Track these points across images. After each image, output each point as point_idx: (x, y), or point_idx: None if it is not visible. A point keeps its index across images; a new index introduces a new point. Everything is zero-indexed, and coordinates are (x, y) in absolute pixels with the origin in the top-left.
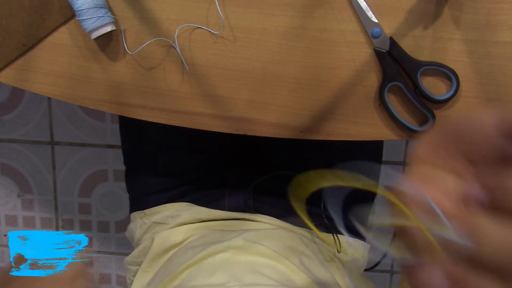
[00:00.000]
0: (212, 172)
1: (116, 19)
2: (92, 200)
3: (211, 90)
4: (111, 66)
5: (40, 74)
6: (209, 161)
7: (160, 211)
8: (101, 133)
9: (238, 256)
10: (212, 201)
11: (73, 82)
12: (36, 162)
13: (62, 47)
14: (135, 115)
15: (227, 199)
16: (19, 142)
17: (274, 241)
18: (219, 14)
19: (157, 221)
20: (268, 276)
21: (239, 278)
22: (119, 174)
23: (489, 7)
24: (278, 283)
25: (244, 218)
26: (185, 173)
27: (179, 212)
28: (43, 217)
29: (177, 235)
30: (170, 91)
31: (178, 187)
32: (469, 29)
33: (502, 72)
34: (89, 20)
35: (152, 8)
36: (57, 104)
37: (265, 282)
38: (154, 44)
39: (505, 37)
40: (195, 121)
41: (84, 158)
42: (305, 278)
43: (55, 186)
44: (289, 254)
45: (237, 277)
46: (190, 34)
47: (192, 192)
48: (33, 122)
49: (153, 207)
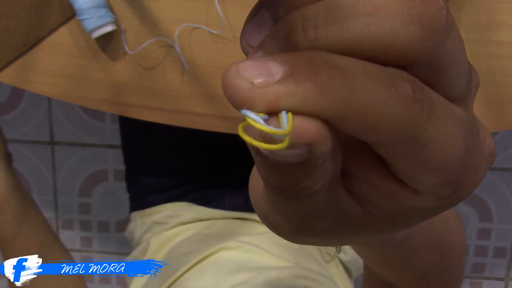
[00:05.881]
0: (212, 172)
1: (116, 18)
2: (92, 200)
3: (211, 90)
4: (111, 66)
5: (40, 74)
6: (209, 161)
7: (160, 211)
8: (101, 133)
9: (229, 254)
10: (212, 200)
11: (73, 82)
12: (36, 162)
13: (62, 47)
14: (135, 115)
15: (227, 199)
16: (19, 142)
17: (270, 241)
18: (219, 14)
19: (157, 221)
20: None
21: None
22: (119, 174)
23: (489, 7)
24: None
25: (244, 218)
26: (185, 173)
27: (179, 211)
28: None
29: (174, 237)
30: (170, 91)
31: (178, 187)
32: (469, 29)
33: (502, 72)
34: (90, 20)
35: (152, 8)
36: (57, 104)
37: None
38: (154, 44)
39: (505, 37)
40: (195, 121)
41: (84, 158)
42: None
43: (55, 186)
44: (285, 253)
45: (225, 277)
46: (190, 34)
47: (192, 191)
48: (33, 122)
49: (153, 207)
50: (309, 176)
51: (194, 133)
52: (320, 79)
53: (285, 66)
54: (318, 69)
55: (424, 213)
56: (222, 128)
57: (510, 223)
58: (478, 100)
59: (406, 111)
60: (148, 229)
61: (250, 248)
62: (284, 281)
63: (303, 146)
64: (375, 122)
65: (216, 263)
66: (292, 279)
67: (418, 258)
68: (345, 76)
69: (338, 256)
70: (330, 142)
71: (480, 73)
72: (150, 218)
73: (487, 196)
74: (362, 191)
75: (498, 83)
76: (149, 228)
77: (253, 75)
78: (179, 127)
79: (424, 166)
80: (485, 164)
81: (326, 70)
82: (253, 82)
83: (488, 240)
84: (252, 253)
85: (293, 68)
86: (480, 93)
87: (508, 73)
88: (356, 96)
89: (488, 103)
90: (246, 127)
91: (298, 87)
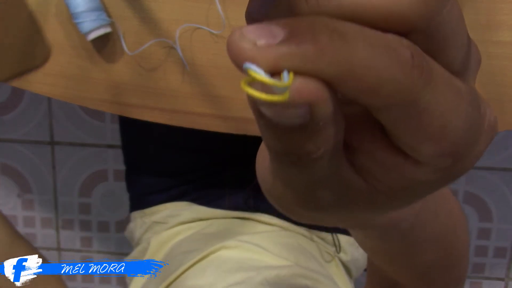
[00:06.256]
0: (212, 171)
1: (112, 21)
2: (92, 200)
3: (212, 90)
4: (111, 66)
5: (40, 74)
6: (209, 160)
7: (160, 211)
8: (101, 133)
9: (229, 253)
10: (212, 200)
11: (73, 82)
12: (36, 162)
13: (62, 47)
14: (136, 115)
15: (227, 199)
16: (19, 142)
17: (270, 241)
18: (219, 14)
19: (157, 221)
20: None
21: (227, 278)
22: (119, 174)
23: (489, 7)
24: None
25: (244, 217)
26: (185, 173)
27: (179, 211)
28: (43, 217)
29: (173, 237)
30: (170, 91)
31: (178, 186)
32: (469, 29)
33: (502, 72)
34: (85, 23)
35: (152, 8)
36: (57, 104)
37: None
38: (155, 44)
39: (505, 37)
40: (195, 121)
41: (84, 158)
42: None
43: (55, 186)
44: (285, 252)
45: (224, 276)
46: (191, 34)
47: (192, 191)
48: (33, 122)
49: (153, 207)
50: (311, 140)
51: (194, 133)
52: (320, 41)
53: (287, 28)
54: (318, 32)
55: (426, 187)
56: (222, 128)
57: (510, 223)
58: None
59: (405, 76)
60: (148, 229)
61: (250, 247)
62: (284, 280)
63: (304, 106)
64: (374, 85)
65: (216, 262)
66: (292, 278)
67: (422, 252)
68: (344, 39)
69: (338, 256)
70: (331, 105)
71: (480, 73)
72: (150, 218)
73: (487, 196)
74: (365, 165)
75: (498, 83)
76: (149, 228)
77: (256, 37)
78: (179, 127)
79: (423, 133)
80: (486, 137)
81: (326, 33)
82: (255, 43)
83: (488, 240)
84: (252, 252)
85: (294, 30)
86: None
87: (508, 73)
88: (355, 59)
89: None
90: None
91: (298, 48)
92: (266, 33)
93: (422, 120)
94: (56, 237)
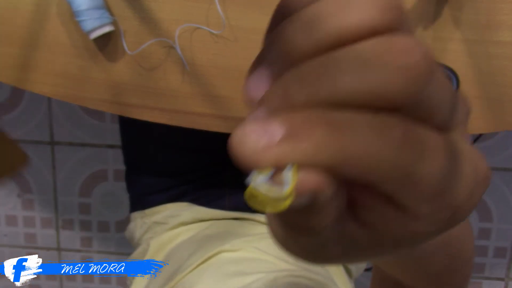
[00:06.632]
0: (212, 171)
1: (115, 19)
2: (92, 200)
3: (211, 90)
4: (111, 66)
5: (40, 74)
6: (209, 160)
7: (160, 211)
8: (101, 133)
9: (229, 256)
10: (212, 200)
11: (73, 82)
12: (36, 162)
13: (62, 47)
14: (135, 115)
15: (227, 199)
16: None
17: (270, 242)
18: (219, 14)
19: (157, 221)
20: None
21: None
22: (119, 174)
23: (489, 7)
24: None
25: (244, 218)
26: (185, 173)
27: (179, 212)
28: (43, 217)
29: (173, 239)
30: (170, 91)
31: (178, 187)
32: (469, 29)
33: (502, 72)
34: (88, 21)
35: (152, 8)
36: (57, 104)
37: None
38: (155, 44)
39: (505, 37)
40: (195, 121)
41: (84, 158)
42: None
43: (55, 186)
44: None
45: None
46: (191, 34)
47: (192, 191)
48: (33, 122)
49: (153, 207)
50: (315, 217)
51: (194, 133)
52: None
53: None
54: (314, 127)
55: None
56: (222, 128)
57: (510, 223)
58: (478, 100)
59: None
60: (148, 229)
61: (250, 249)
62: (284, 281)
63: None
64: (370, 167)
65: (216, 265)
66: (292, 279)
67: (432, 262)
68: (339, 130)
69: None
70: (332, 187)
71: (480, 73)
72: (150, 218)
73: (487, 196)
74: (368, 219)
75: (498, 83)
76: (149, 228)
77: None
78: (179, 127)
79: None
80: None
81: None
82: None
83: (488, 240)
84: (252, 254)
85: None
86: (480, 93)
87: (508, 73)
88: (351, 148)
89: (488, 103)
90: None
91: (297, 145)
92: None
93: (419, 187)
94: (56, 237)
